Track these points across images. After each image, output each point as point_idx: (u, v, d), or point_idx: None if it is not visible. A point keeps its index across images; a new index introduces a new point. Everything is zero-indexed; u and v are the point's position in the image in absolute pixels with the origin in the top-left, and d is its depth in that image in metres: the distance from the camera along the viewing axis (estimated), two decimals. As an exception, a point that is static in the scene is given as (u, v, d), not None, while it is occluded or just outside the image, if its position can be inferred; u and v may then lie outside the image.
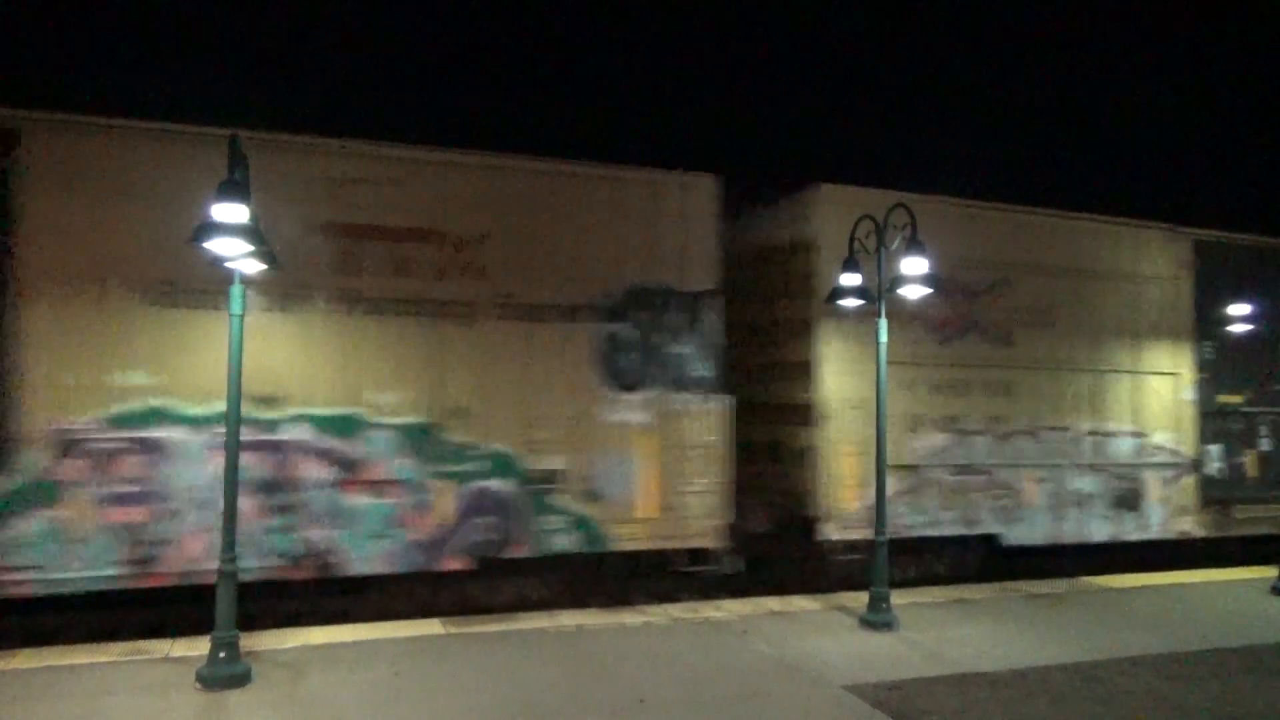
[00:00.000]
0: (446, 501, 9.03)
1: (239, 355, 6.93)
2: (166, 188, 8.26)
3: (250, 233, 6.56)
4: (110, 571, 7.99)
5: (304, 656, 7.25)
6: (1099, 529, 12.05)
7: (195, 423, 8.29)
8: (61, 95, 8.74)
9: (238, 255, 6.64)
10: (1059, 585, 10.56)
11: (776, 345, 11.29)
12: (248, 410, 8.39)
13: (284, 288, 8.60)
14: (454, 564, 9.06)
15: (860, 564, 10.80)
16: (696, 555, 9.96)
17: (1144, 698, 6.64)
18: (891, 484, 10.83)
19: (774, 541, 10.89)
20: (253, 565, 8.37)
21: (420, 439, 8.96)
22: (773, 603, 9.45)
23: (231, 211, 6.44)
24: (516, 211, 9.43)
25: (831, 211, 10.83)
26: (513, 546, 9.25)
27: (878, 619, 8.49)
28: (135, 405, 8.13)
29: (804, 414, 10.80)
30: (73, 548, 7.90)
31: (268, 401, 8.49)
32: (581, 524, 9.49)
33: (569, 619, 8.62)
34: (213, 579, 8.23)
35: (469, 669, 7.03)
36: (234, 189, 6.50)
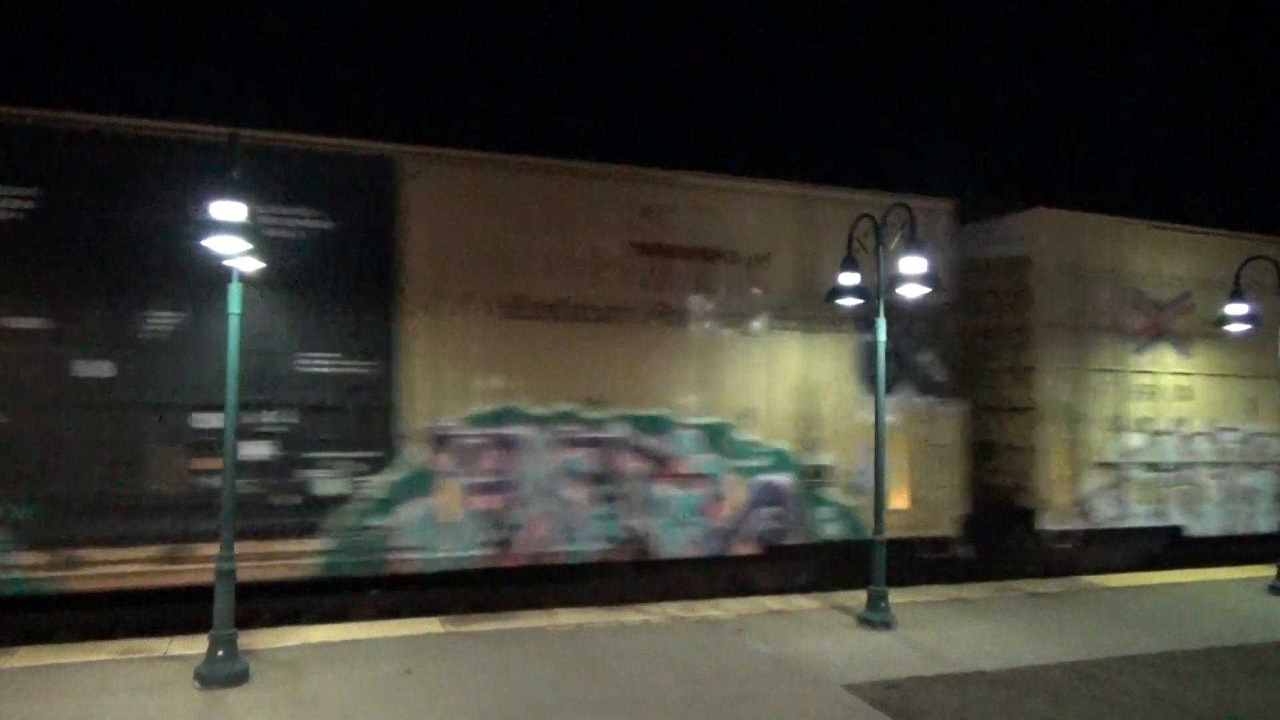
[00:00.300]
0: (738, 493, 10.12)
1: (237, 354, 6.67)
2: (517, 213, 9.34)
3: (247, 230, 6.35)
4: (477, 552, 9.08)
5: (303, 655, 7.17)
6: (1265, 521, 13.19)
7: (539, 421, 9.36)
8: (435, 129, 9.76)
9: (235, 253, 6.44)
10: (1057, 585, 10.46)
11: (995, 352, 12.36)
12: (580, 410, 9.52)
13: (607, 302, 9.68)
14: (744, 549, 10.15)
15: (1070, 552, 11.97)
16: (937, 544, 11.07)
17: (1142, 696, 6.60)
18: (1094, 480, 12.03)
19: (998, 531, 11.98)
20: (586, 549, 9.48)
21: (716, 437, 10.05)
22: (771, 601, 9.37)
23: (229, 209, 6.26)
24: (791, 233, 10.51)
25: (1043, 232, 11.98)
26: (791, 534, 10.35)
27: (876, 618, 8.37)
28: (492, 406, 9.20)
29: (1020, 415, 11.90)
30: (447, 530, 8.98)
31: (596, 403, 9.55)
32: (846, 514, 10.60)
33: (568, 618, 8.51)
34: (555, 560, 9.41)
35: (468, 668, 6.94)
36: (231, 186, 6.27)
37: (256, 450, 8.39)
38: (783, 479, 10.31)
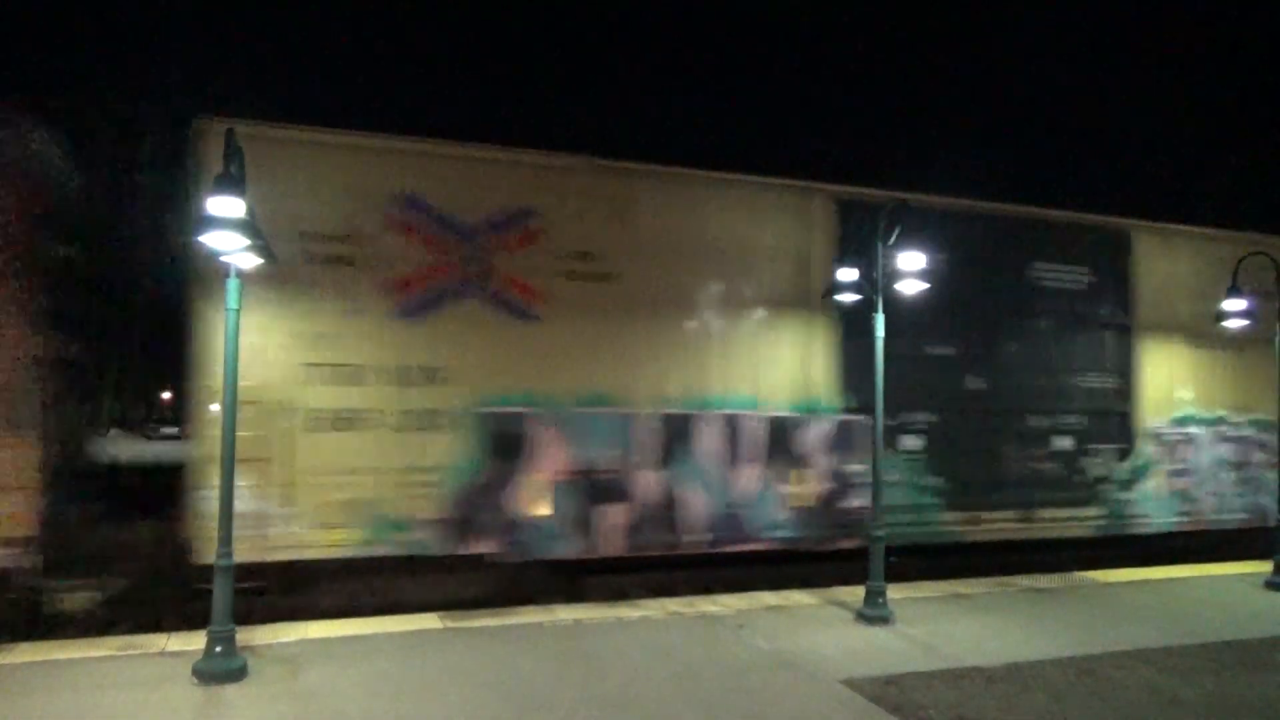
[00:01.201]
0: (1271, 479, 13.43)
1: (234, 350, 6.62)
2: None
3: (245, 227, 6.22)
4: (1171, 519, 12.34)
5: (301, 651, 7.15)
6: None
7: (1206, 423, 12.67)
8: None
9: (233, 249, 6.35)
10: (1054, 580, 10.53)
11: None
12: (1229, 414, 12.79)
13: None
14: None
15: None
16: None
17: (1139, 691, 6.60)
18: None
19: None
20: (1232, 518, 12.77)
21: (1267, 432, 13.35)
22: (769, 597, 9.37)
23: (227, 205, 6.15)
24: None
25: None
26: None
27: (874, 613, 8.35)
28: (1181, 412, 12.48)
29: None
30: (1157, 503, 12.26)
31: (1238, 408, 12.83)
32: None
33: (566, 614, 8.53)
34: (1215, 526, 12.63)
35: (467, 663, 6.97)
36: (229, 183, 6.19)
37: (1063, 443, 11.62)
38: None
